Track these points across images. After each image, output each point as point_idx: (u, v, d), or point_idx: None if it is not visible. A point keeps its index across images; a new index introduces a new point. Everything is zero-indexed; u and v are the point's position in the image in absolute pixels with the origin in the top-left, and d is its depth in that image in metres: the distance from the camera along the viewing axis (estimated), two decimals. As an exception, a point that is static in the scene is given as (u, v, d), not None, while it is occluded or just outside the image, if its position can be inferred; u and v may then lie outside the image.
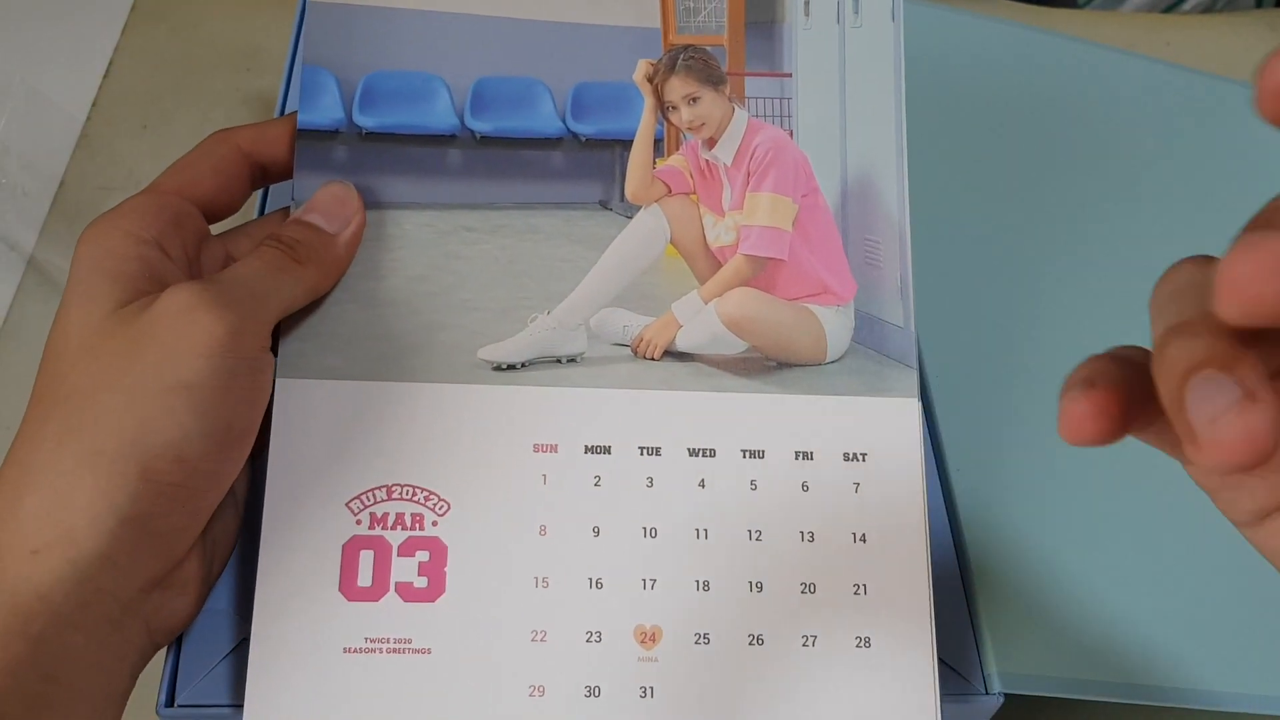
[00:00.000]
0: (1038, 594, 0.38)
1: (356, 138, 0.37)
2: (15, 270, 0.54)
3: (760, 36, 0.38)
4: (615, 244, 0.37)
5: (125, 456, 0.29)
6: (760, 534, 0.34)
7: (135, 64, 0.60)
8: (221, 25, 0.63)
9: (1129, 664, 0.37)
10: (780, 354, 0.36)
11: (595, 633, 0.33)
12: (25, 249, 0.54)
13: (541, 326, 0.35)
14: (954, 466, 0.40)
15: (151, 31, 0.62)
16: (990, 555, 0.38)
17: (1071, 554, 0.39)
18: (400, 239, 0.36)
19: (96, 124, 0.58)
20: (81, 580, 0.29)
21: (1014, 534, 0.39)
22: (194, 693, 0.33)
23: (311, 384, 0.34)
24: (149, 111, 0.59)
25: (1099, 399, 0.21)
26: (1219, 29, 0.70)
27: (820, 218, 0.37)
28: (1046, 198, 0.50)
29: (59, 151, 0.57)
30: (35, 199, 0.55)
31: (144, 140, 0.58)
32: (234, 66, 0.61)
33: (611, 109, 0.37)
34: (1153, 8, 0.73)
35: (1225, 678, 0.37)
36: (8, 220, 0.54)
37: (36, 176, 0.55)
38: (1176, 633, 0.38)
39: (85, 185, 0.56)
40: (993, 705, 0.35)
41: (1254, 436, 0.18)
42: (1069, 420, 0.22)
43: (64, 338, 0.31)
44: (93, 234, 0.32)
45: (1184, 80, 0.58)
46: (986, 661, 0.36)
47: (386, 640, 0.33)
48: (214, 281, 0.32)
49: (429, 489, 0.34)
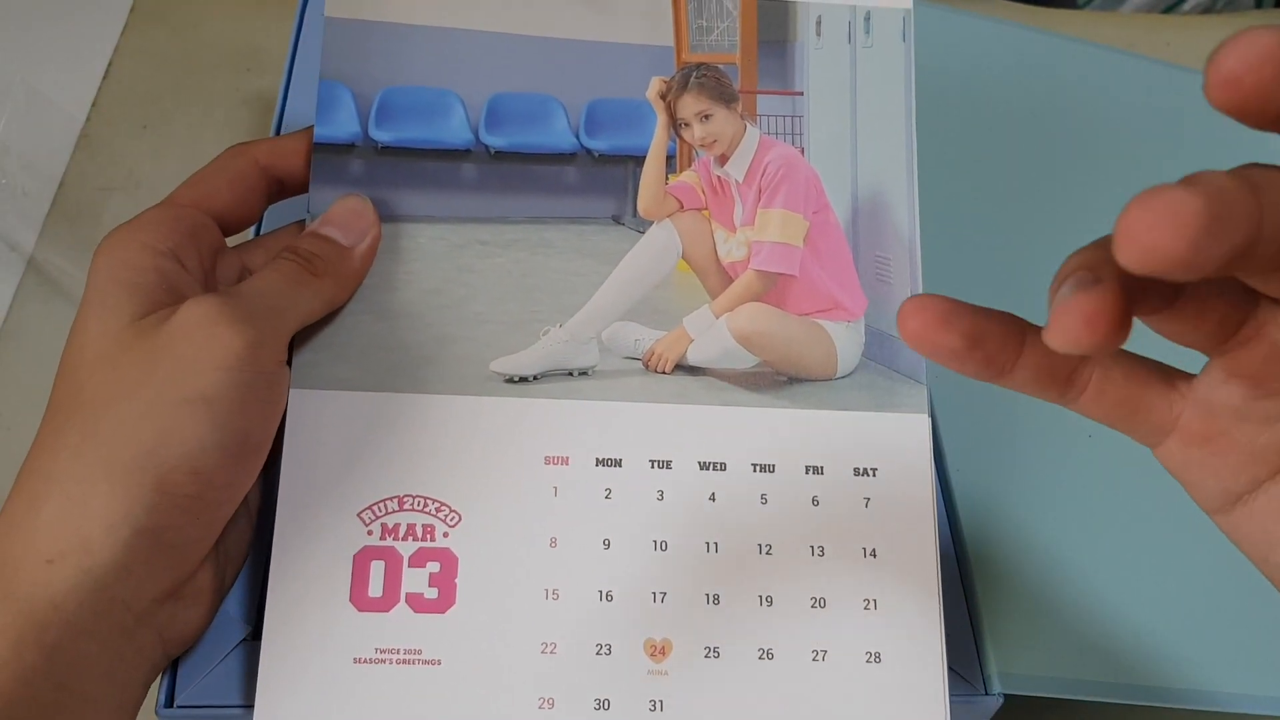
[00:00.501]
0: (1038, 594, 0.38)
1: (372, 152, 0.37)
2: (15, 270, 0.54)
3: (772, 55, 0.39)
4: (627, 258, 0.37)
5: (142, 467, 0.29)
6: (770, 548, 0.35)
7: (135, 64, 0.60)
8: (221, 25, 0.63)
9: (1129, 664, 0.37)
10: (791, 369, 0.37)
11: (605, 645, 0.33)
12: (25, 249, 0.54)
13: (554, 339, 0.36)
14: (954, 467, 0.40)
15: (151, 31, 0.62)
16: (990, 556, 0.39)
17: (1072, 555, 0.39)
18: (414, 252, 0.36)
19: (96, 124, 0.58)
20: (96, 590, 0.29)
21: (1014, 534, 0.39)
22: (193, 693, 0.33)
23: (324, 395, 0.34)
24: (149, 111, 0.59)
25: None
26: (1219, 29, 0.70)
27: (831, 234, 0.38)
28: (1046, 198, 0.51)
29: (59, 151, 0.57)
30: (35, 199, 0.55)
31: (144, 140, 0.58)
32: (234, 67, 0.61)
33: (625, 125, 0.38)
34: (1152, 8, 0.73)
35: (1225, 678, 0.38)
36: (8, 220, 0.54)
37: (36, 176, 0.55)
38: (1176, 633, 0.38)
39: (85, 185, 0.56)
40: (993, 706, 0.35)
41: (1090, 318, 0.20)
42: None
43: (81, 348, 0.31)
44: (110, 246, 0.33)
45: (1184, 81, 0.59)
46: (987, 662, 0.36)
47: (396, 651, 0.33)
48: (233, 295, 0.32)
49: (440, 500, 0.34)
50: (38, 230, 0.55)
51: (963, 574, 0.38)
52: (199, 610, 0.33)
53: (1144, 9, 0.73)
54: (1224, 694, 0.37)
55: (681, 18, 0.38)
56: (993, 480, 0.41)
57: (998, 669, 0.36)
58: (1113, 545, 0.40)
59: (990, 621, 0.37)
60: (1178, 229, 0.17)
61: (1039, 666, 0.36)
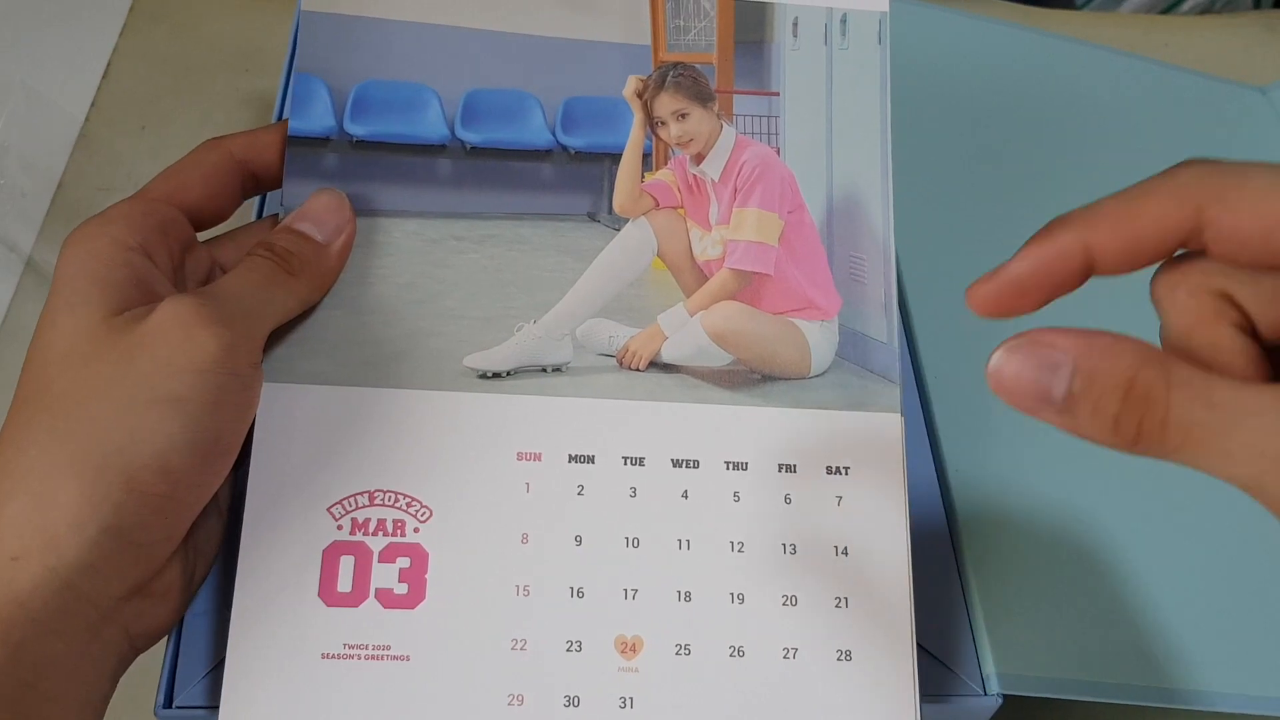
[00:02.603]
0: (1038, 595, 0.38)
1: (347, 145, 0.37)
2: (14, 271, 0.54)
3: (749, 55, 0.39)
4: (603, 255, 0.37)
5: (111, 466, 0.29)
6: (742, 545, 0.34)
7: (134, 65, 0.61)
8: (221, 26, 0.63)
9: (1129, 664, 0.37)
10: (764, 367, 0.37)
11: (576, 642, 0.33)
12: (24, 250, 0.54)
13: (528, 335, 0.36)
14: (952, 467, 0.40)
15: (151, 32, 0.62)
16: (990, 556, 0.39)
17: (1072, 555, 0.39)
18: (388, 246, 0.36)
19: (95, 124, 0.59)
20: (62, 588, 0.29)
21: (1013, 534, 0.39)
22: (192, 694, 0.33)
23: (296, 389, 0.34)
24: (148, 112, 0.59)
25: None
26: (1217, 30, 0.70)
27: (806, 234, 0.38)
28: (1045, 198, 0.50)
29: (58, 152, 0.57)
30: (34, 199, 0.55)
31: (143, 141, 0.58)
32: (233, 67, 0.61)
33: (601, 123, 0.38)
34: (1151, 9, 0.73)
35: (1225, 678, 0.37)
36: (7, 221, 0.54)
37: (35, 177, 0.56)
38: (1176, 633, 0.38)
39: (84, 186, 0.56)
40: (992, 706, 0.35)
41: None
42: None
43: (50, 343, 0.31)
44: (78, 239, 0.32)
45: (1183, 81, 0.58)
46: (985, 662, 0.36)
47: (365, 647, 0.32)
48: (210, 296, 0.32)
49: (411, 495, 0.34)
50: (37, 231, 0.55)
51: (962, 574, 0.38)
52: (167, 607, 0.32)
53: (1142, 9, 0.73)
54: (1224, 694, 0.37)
55: (659, 17, 0.38)
56: (992, 480, 0.41)
57: (997, 669, 0.36)
58: (1113, 546, 0.40)
59: (990, 621, 0.37)
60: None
61: (1039, 666, 0.36)
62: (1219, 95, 0.59)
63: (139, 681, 0.32)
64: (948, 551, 0.39)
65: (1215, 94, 0.59)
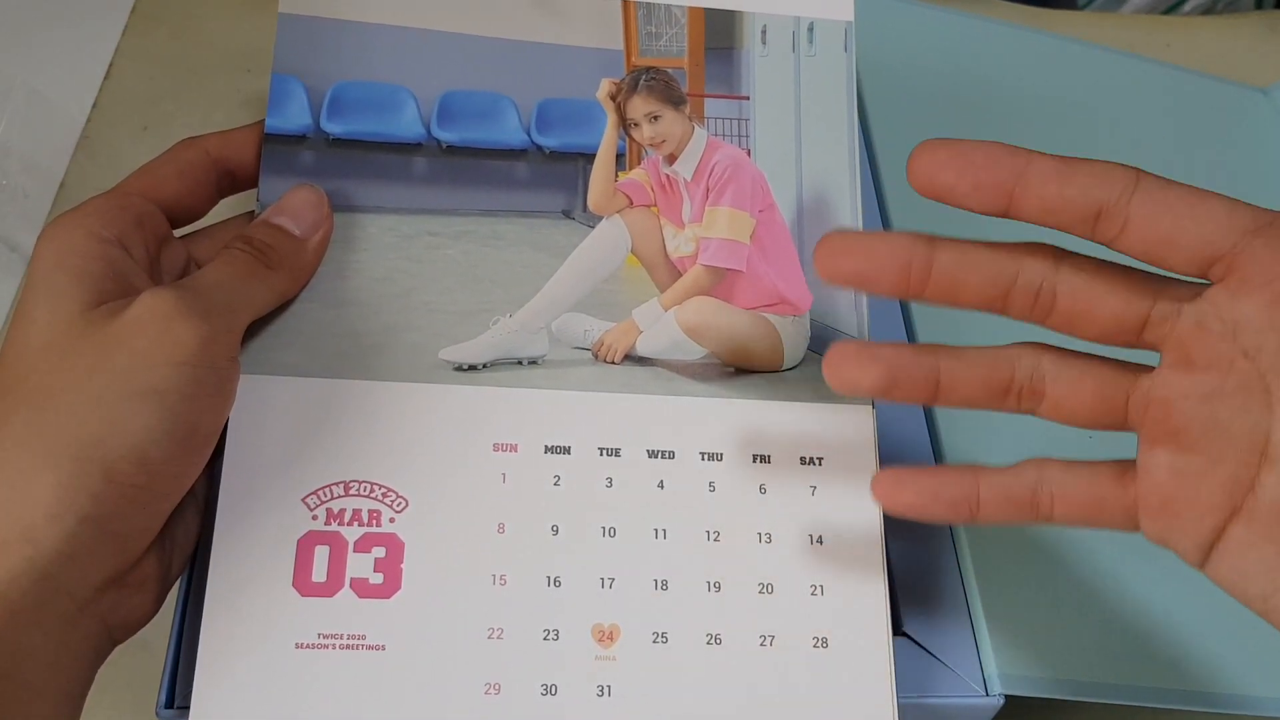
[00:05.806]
0: (1038, 594, 0.38)
1: (324, 143, 0.37)
2: (15, 271, 0.53)
3: (719, 61, 0.40)
4: (578, 251, 0.37)
5: (88, 457, 0.29)
6: (718, 534, 0.35)
7: (136, 66, 0.61)
8: (221, 27, 0.63)
9: (1129, 664, 0.37)
10: (737, 360, 0.37)
11: (552, 631, 0.33)
12: (25, 250, 0.54)
13: (504, 329, 0.36)
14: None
15: (152, 33, 0.62)
16: (990, 556, 0.39)
17: (1072, 555, 0.39)
18: (364, 241, 0.37)
19: (97, 125, 0.58)
20: (39, 578, 0.29)
21: (1014, 534, 0.39)
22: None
23: (271, 380, 0.34)
24: (149, 113, 0.59)
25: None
26: (1219, 30, 0.70)
27: (777, 232, 0.38)
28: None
29: (59, 153, 0.57)
30: (36, 200, 0.55)
31: (144, 142, 0.58)
32: (234, 68, 0.61)
33: (575, 124, 0.38)
34: (1153, 9, 0.73)
35: (1225, 678, 0.38)
36: (8, 221, 0.54)
37: (37, 178, 0.55)
38: (1177, 633, 0.38)
39: (86, 187, 0.56)
40: (993, 706, 0.35)
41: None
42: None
43: (27, 335, 0.31)
44: (54, 232, 0.33)
45: (1184, 81, 0.59)
46: (986, 662, 0.36)
47: (340, 636, 0.32)
48: (188, 288, 0.32)
49: (387, 486, 0.34)
50: (38, 232, 0.55)
51: (962, 574, 0.38)
52: (144, 598, 0.32)
53: (1144, 10, 0.73)
54: (1224, 694, 0.37)
55: (631, 23, 0.39)
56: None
57: (998, 669, 0.36)
58: (1113, 546, 0.40)
59: (990, 621, 0.37)
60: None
61: (1039, 666, 0.36)
62: (1221, 96, 0.59)
63: (140, 681, 0.31)
64: (948, 551, 0.39)
65: (1217, 94, 0.59)
